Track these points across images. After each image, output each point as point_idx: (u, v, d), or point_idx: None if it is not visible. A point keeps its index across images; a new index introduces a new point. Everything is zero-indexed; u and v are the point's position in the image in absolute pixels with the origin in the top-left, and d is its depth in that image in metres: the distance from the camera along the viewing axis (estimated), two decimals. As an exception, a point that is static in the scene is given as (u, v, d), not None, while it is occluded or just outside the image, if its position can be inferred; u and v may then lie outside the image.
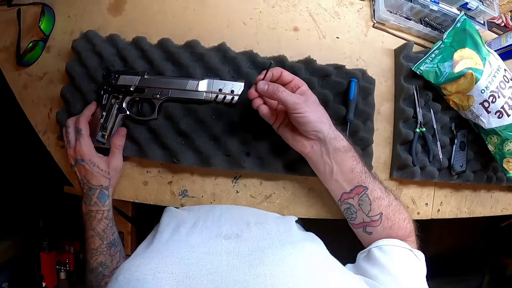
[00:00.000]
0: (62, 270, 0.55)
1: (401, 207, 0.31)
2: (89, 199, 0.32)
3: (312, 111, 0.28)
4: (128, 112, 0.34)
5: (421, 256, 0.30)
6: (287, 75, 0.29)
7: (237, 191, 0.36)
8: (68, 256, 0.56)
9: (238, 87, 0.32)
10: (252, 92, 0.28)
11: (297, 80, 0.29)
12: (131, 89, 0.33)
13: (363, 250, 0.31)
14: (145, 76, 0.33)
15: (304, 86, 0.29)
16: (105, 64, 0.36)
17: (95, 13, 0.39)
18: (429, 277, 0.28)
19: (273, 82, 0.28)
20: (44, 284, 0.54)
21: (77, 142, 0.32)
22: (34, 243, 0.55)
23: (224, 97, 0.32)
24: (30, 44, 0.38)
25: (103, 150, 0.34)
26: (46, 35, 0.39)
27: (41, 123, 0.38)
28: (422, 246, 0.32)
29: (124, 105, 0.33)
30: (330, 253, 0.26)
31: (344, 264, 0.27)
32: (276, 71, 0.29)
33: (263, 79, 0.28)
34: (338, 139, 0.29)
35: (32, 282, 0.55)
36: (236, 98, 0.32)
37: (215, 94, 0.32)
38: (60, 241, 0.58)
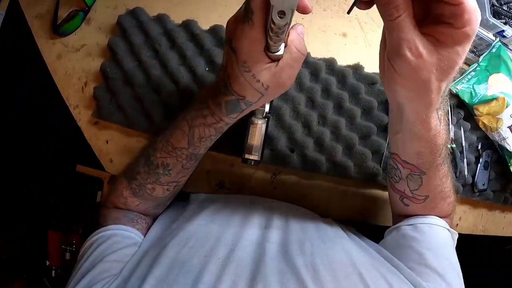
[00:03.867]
0: (68, 251, 0.52)
1: (451, 191, 0.27)
2: (216, 94, 0.21)
3: (412, 78, 0.16)
4: None
5: (455, 237, 0.28)
6: None
7: (274, 187, 0.35)
8: (75, 237, 0.53)
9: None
10: None
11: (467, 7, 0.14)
12: None
13: (392, 227, 0.28)
14: None
15: (470, 28, 0.14)
16: (151, 42, 0.35)
17: (143, -9, 0.38)
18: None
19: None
20: (48, 263, 0.50)
21: (241, 24, 0.17)
22: (43, 221, 0.51)
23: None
24: (71, 13, 0.36)
25: None
26: (88, 6, 0.37)
27: (74, 97, 0.36)
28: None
29: None
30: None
31: None
32: None
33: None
34: (415, 125, 0.20)
35: (37, 259, 0.52)
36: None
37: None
38: (69, 221, 0.55)
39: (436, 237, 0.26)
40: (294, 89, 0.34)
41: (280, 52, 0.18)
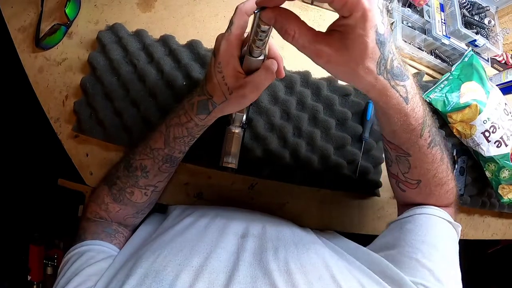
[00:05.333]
0: (50, 265, 0.52)
1: (448, 177, 0.26)
2: (192, 96, 0.25)
3: (339, 72, 0.18)
4: None
5: (459, 229, 0.27)
6: None
7: (252, 198, 0.36)
8: (57, 251, 0.53)
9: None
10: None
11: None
12: None
13: (393, 220, 0.28)
14: None
15: (358, 14, 0.15)
16: (129, 57, 0.35)
17: (123, 6, 0.39)
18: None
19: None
20: (29, 278, 0.51)
21: (224, 34, 0.21)
22: (24, 234, 0.52)
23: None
24: (53, 27, 0.37)
25: None
26: (70, 21, 0.38)
27: (54, 110, 0.37)
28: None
29: None
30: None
31: None
32: None
33: None
34: (377, 101, 0.20)
35: (17, 274, 0.52)
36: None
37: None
38: (50, 235, 0.55)
39: (432, 229, 0.25)
40: (269, 102, 0.35)
41: (257, 65, 0.21)
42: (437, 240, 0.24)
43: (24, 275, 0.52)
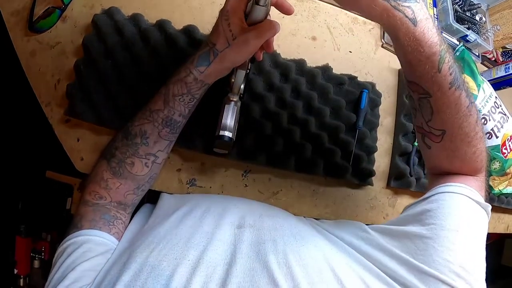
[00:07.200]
0: (37, 258, 0.50)
1: (476, 136, 0.24)
2: (193, 54, 0.27)
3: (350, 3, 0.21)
4: None
5: (488, 209, 0.24)
6: None
7: (245, 185, 0.36)
8: (44, 244, 0.51)
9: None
10: None
11: None
12: None
13: (417, 200, 0.25)
14: None
15: None
16: (125, 41, 0.35)
17: (119, -9, 0.38)
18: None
19: None
20: (16, 271, 0.49)
21: None
22: (10, 226, 0.50)
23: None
24: (48, 10, 0.36)
25: None
26: (64, 4, 0.37)
27: (46, 94, 0.36)
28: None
29: None
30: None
31: None
32: None
33: None
34: (383, 18, 0.20)
35: (3, 267, 0.50)
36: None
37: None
38: (37, 228, 0.54)
39: (456, 212, 0.22)
40: (264, 88, 0.35)
41: (262, 17, 0.24)
42: (460, 224, 0.21)
43: (10, 268, 0.51)
